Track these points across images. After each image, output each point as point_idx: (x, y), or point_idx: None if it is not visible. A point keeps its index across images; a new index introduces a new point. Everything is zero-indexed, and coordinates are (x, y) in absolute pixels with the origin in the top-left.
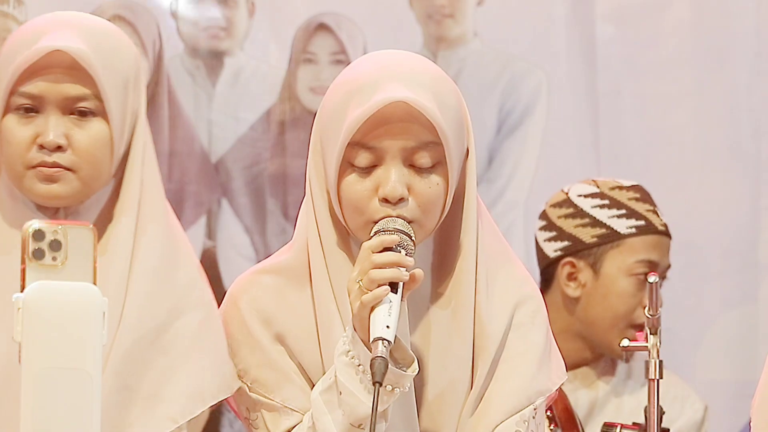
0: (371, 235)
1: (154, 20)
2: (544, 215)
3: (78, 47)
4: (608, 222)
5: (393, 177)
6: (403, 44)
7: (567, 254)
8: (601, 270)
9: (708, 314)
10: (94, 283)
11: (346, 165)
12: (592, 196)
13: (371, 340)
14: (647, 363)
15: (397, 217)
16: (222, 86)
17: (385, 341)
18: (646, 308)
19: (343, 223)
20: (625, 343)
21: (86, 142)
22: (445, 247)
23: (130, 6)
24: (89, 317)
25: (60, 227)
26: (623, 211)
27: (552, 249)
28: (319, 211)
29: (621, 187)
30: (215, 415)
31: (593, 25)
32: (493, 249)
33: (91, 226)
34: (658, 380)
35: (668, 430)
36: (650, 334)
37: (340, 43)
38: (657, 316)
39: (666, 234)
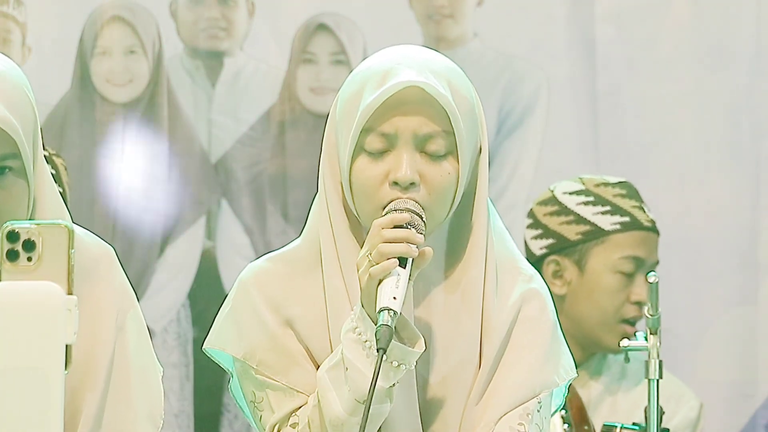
0: (383, 214)
1: (154, 20)
2: (531, 213)
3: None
4: (592, 219)
5: (404, 162)
6: (403, 44)
7: (552, 252)
8: (586, 267)
9: (708, 314)
10: (69, 282)
11: (359, 151)
12: (578, 193)
13: (377, 310)
14: (647, 363)
15: (408, 199)
16: (222, 86)
17: (390, 311)
18: (647, 308)
19: (354, 212)
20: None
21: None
22: (456, 238)
23: (130, 6)
24: (50, 316)
25: (34, 227)
26: (608, 208)
27: (538, 247)
28: (332, 204)
29: (607, 184)
30: (215, 415)
31: (593, 25)
32: (502, 248)
33: (65, 224)
34: (658, 380)
35: (668, 430)
36: (650, 334)
37: (340, 43)
38: (657, 316)
39: (653, 230)
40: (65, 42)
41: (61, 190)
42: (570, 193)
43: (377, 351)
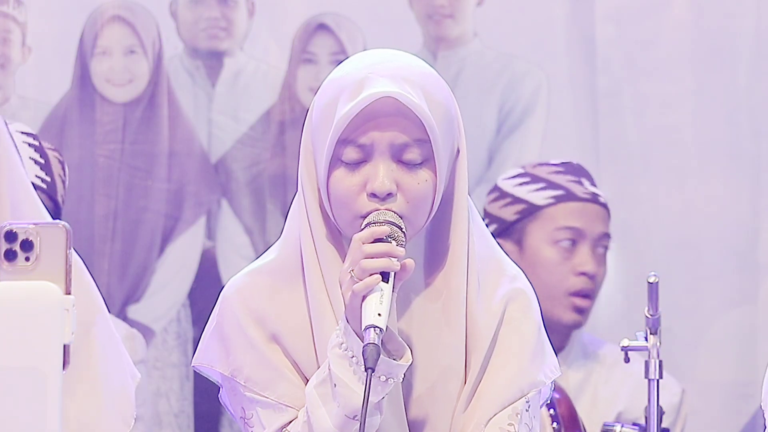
0: (362, 227)
1: (154, 20)
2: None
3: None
4: (527, 197)
5: (381, 172)
6: (403, 44)
7: (495, 236)
8: (525, 244)
9: (708, 314)
10: (66, 282)
11: (336, 161)
12: (516, 176)
13: (363, 328)
14: (647, 363)
15: (386, 210)
16: (222, 86)
17: (376, 328)
18: (647, 308)
19: (333, 220)
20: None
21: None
22: (436, 243)
23: (130, 6)
24: (48, 316)
25: (32, 227)
26: (542, 185)
27: None
28: (311, 209)
29: (545, 164)
30: (215, 415)
31: (593, 25)
32: (483, 249)
33: (63, 224)
34: (658, 380)
35: (668, 430)
36: (650, 334)
37: (340, 43)
38: (657, 316)
39: (592, 201)
40: (65, 42)
41: (49, 179)
42: (508, 178)
43: (365, 370)
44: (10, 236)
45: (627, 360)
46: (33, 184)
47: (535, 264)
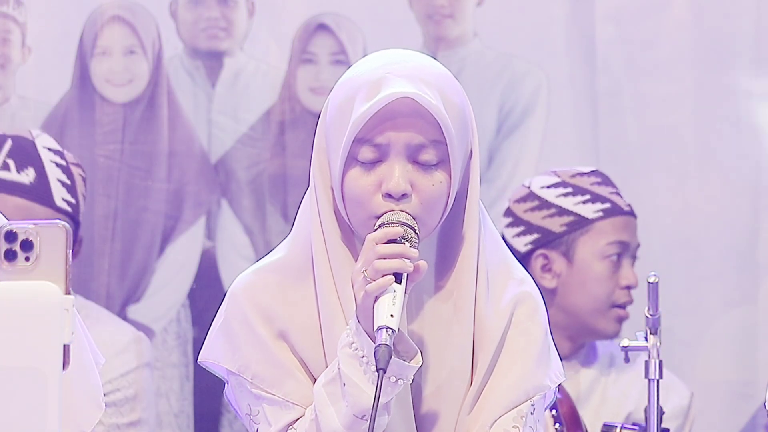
0: (375, 227)
1: (153, 20)
2: (509, 212)
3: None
4: (575, 209)
5: (396, 172)
6: (403, 44)
7: (538, 246)
8: (575, 257)
9: (708, 314)
10: (66, 282)
11: (351, 160)
12: (555, 185)
13: (375, 328)
14: (647, 363)
15: (400, 211)
16: (222, 86)
17: (389, 329)
18: (647, 308)
19: (346, 219)
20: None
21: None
22: (447, 244)
23: (130, 6)
24: (48, 316)
25: (32, 227)
26: (588, 197)
27: (522, 244)
28: (323, 207)
29: (581, 174)
30: (215, 415)
31: (593, 25)
32: (493, 251)
33: (63, 224)
34: (658, 380)
35: (668, 430)
36: (650, 334)
37: (340, 43)
38: (657, 316)
39: (631, 214)
40: (65, 42)
41: (74, 201)
42: (548, 187)
43: (377, 371)
44: (10, 236)
45: (627, 360)
46: (59, 208)
47: (586, 278)
